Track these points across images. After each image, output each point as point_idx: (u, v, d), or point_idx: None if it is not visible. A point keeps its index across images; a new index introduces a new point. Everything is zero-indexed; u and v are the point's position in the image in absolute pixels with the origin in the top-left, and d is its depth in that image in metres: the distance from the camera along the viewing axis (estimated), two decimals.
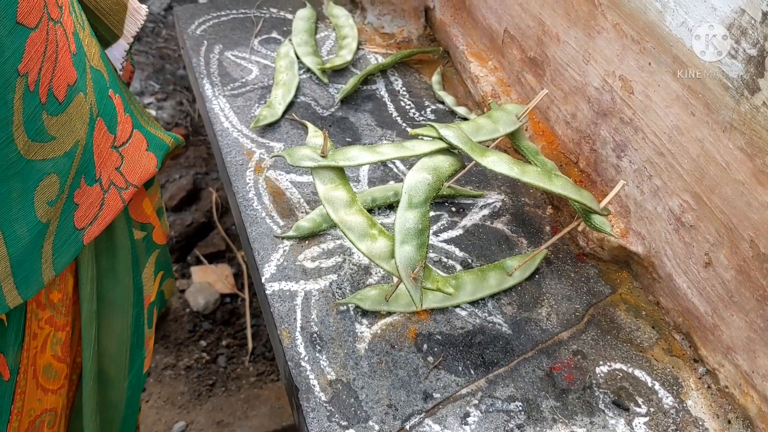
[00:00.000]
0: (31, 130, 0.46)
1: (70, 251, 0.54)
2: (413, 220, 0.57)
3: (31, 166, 0.47)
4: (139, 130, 0.62)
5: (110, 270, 0.63)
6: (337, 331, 0.63)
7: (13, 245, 0.48)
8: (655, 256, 0.65)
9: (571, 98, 0.73)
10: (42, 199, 0.49)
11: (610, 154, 0.69)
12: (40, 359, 0.57)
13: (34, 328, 0.55)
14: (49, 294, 0.56)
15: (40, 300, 0.55)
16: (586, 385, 0.60)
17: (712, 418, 0.58)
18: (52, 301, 0.57)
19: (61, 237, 0.53)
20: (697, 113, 0.56)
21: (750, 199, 0.53)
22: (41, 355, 0.57)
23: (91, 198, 0.56)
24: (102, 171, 0.57)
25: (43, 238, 0.51)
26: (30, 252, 0.50)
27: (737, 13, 0.51)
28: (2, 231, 0.47)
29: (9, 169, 0.46)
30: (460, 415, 0.57)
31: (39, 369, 0.57)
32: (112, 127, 0.57)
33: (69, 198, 0.53)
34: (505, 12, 0.83)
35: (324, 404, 0.57)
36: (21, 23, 0.40)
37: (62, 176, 0.50)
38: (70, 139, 0.50)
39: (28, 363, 0.55)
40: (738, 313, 0.57)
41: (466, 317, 0.64)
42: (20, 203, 0.48)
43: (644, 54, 0.61)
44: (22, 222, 0.48)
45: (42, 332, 0.56)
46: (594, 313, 0.66)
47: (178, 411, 1.60)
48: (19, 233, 0.48)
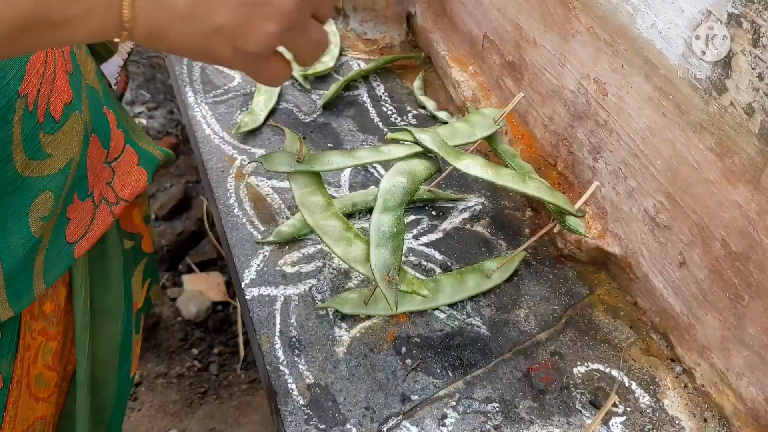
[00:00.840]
0: (29, 149, 0.47)
1: (62, 265, 0.55)
2: (388, 224, 0.58)
3: (28, 183, 0.48)
4: (130, 144, 0.63)
5: (103, 279, 0.64)
6: (316, 336, 0.63)
7: (6, 260, 0.48)
8: (631, 256, 0.66)
9: (548, 101, 0.74)
10: (36, 215, 0.50)
11: (586, 156, 0.69)
12: (33, 369, 0.57)
13: (28, 339, 0.55)
14: (42, 305, 0.57)
15: (34, 311, 0.56)
16: (564, 385, 0.60)
17: (688, 417, 0.59)
18: (45, 312, 0.57)
19: (52, 251, 0.53)
20: (669, 114, 0.57)
21: (720, 199, 0.53)
22: (33, 365, 0.57)
23: (83, 213, 0.56)
24: (94, 186, 0.58)
25: (36, 252, 0.51)
26: (22, 266, 0.50)
27: (704, 15, 0.51)
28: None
29: (7, 187, 0.47)
30: (438, 417, 0.57)
31: (31, 378, 0.57)
32: (105, 142, 0.58)
33: (62, 213, 0.54)
34: (485, 17, 0.84)
35: (302, 408, 0.57)
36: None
37: (56, 192, 0.51)
38: (65, 156, 0.51)
39: (21, 373, 0.55)
40: (712, 312, 0.57)
41: (445, 319, 0.65)
42: (15, 219, 0.48)
43: (617, 56, 0.62)
44: (16, 237, 0.49)
45: (34, 342, 0.57)
46: (572, 314, 0.66)
47: (170, 419, 1.59)
48: (12, 248, 0.49)
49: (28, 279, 0.51)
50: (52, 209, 0.51)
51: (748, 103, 0.49)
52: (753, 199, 0.50)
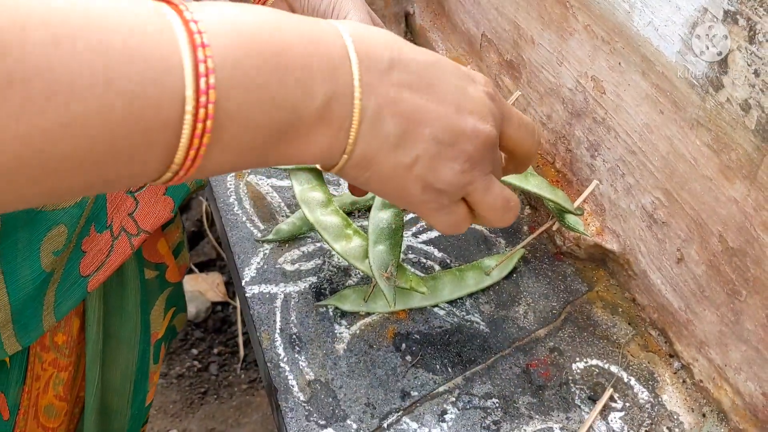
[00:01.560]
0: None
1: (73, 298, 0.54)
2: (386, 221, 0.58)
3: (41, 216, 0.48)
4: None
5: (118, 309, 0.63)
6: (317, 333, 0.63)
7: (14, 294, 0.48)
8: (629, 253, 0.66)
9: (546, 99, 0.74)
10: (48, 248, 0.49)
11: (584, 154, 0.70)
12: (42, 399, 0.57)
13: (38, 370, 0.55)
14: (54, 336, 0.56)
15: (45, 343, 0.55)
16: (563, 381, 0.61)
17: (687, 412, 0.59)
18: (57, 344, 0.57)
19: (64, 284, 0.53)
20: (666, 111, 0.57)
21: (717, 194, 0.54)
22: (43, 395, 0.57)
23: (100, 245, 0.55)
24: (114, 217, 0.56)
25: (47, 286, 0.50)
26: (31, 300, 0.49)
27: (700, 12, 0.52)
28: (5, 280, 0.47)
29: (18, 221, 0.46)
30: (438, 413, 0.58)
31: (40, 409, 0.57)
32: None
33: (77, 246, 0.53)
34: (483, 16, 0.84)
35: (302, 404, 0.58)
36: None
37: (71, 226, 0.50)
38: None
39: (29, 404, 0.55)
40: (710, 308, 0.57)
41: (444, 316, 0.65)
42: (26, 253, 0.48)
43: (614, 54, 0.62)
44: (26, 271, 0.48)
45: (45, 374, 0.56)
46: (571, 311, 0.66)
47: (171, 419, 1.60)
48: (21, 282, 0.48)
49: (38, 313, 0.50)
50: (66, 243, 0.50)
51: (745, 100, 0.49)
52: (750, 194, 0.51)
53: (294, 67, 0.34)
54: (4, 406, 0.52)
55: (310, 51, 0.35)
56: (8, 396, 0.51)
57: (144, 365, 0.68)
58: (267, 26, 0.34)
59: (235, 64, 0.31)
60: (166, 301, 0.72)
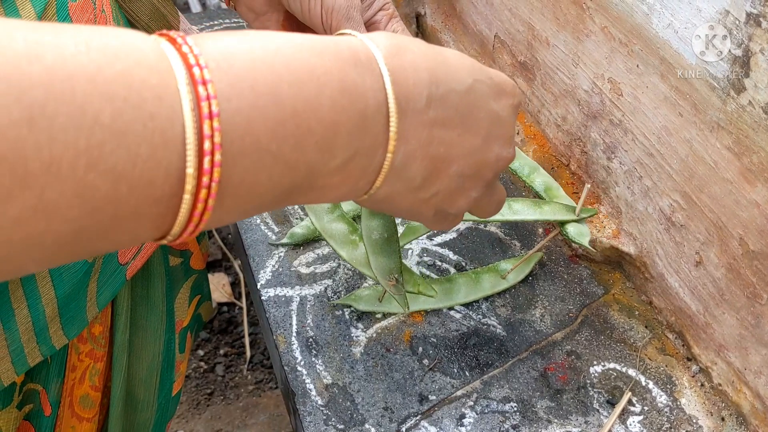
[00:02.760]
0: None
1: (114, 287, 0.54)
2: (378, 230, 0.57)
3: None
4: None
5: (144, 298, 0.63)
6: (333, 336, 0.63)
7: (60, 287, 0.48)
8: (646, 256, 0.66)
9: (561, 101, 0.74)
10: None
11: (600, 156, 0.69)
12: (78, 390, 0.57)
13: (74, 360, 0.55)
14: (92, 328, 0.56)
15: (83, 334, 0.55)
16: (581, 385, 0.60)
17: (706, 416, 0.59)
18: (94, 335, 0.57)
19: (105, 274, 0.52)
20: (685, 114, 0.57)
21: (738, 198, 0.53)
22: (79, 386, 0.57)
23: None
24: None
25: (89, 277, 0.50)
26: (76, 292, 0.49)
27: (722, 15, 0.52)
28: (50, 274, 0.47)
29: None
30: (456, 417, 0.57)
31: (75, 399, 0.57)
32: None
33: None
34: (495, 18, 0.84)
35: (320, 408, 0.57)
36: None
37: None
38: None
39: (65, 395, 0.55)
40: (729, 311, 0.57)
41: (461, 319, 0.65)
42: None
43: (632, 56, 0.62)
44: (69, 264, 0.48)
45: (81, 365, 0.56)
46: (587, 314, 0.66)
47: (177, 420, 1.60)
48: (66, 275, 0.48)
49: (82, 305, 0.50)
50: None
51: (767, 103, 0.49)
52: None
53: (316, 129, 0.29)
54: (45, 402, 0.52)
55: (340, 106, 0.30)
56: (49, 391, 0.51)
57: (170, 355, 0.68)
58: (287, 76, 0.29)
59: (245, 132, 0.27)
60: (191, 289, 0.71)
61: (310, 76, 0.29)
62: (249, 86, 0.27)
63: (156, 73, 0.25)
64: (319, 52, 0.31)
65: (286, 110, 0.28)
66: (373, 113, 0.32)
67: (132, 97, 0.24)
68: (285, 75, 0.29)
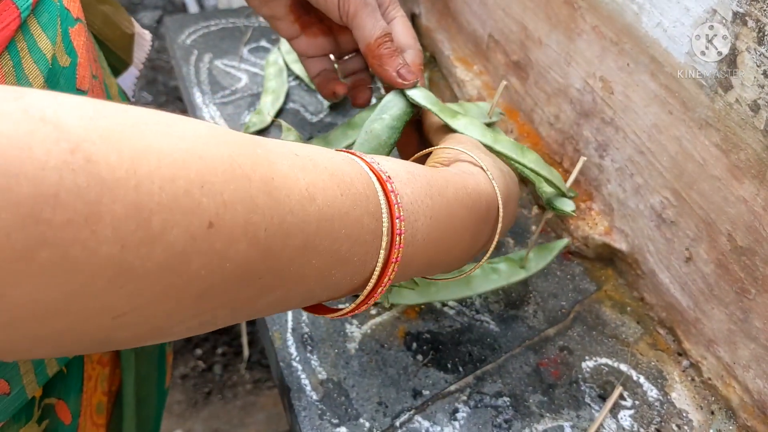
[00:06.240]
0: None
1: None
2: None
3: None
4: None
5: None
6: (328, 332, 0.64)
7: None
8: (638, 252, 0.67)
9: (554, 100, 0.75)
10: None
11: (592, 154, 0.70)
12: (94, 398, 0.58)
13: (89, 370, 0.56)
14: None
15: None
16: (573, 379, 0.61)
17: (695, 410, 0.59)
18: None
19: None
20: (675, 112, 0.58)
21: (726, 194, 0.54)
22: (94, 394, 0.57)
23: None
24: None
25: None
26: None
27: (709, 14, 0.52)
28: None
29: None
30: (449, 411, 0.58)
31: (93, 408, 0.58)
32: None
33: None
34: (489, 17, 0.84)
35: (315, 403, 0.58)
36: (79, 89, 0.43)
37: None
38: None
39: (86, 404, 0.56)
40: (718, 306, 0.58)
41: (455, 315, 0.66)
42: None
43: (623, 55, 0.62)
44: None
45: (94, 372, 0.57)
46: (580, 310, 0.67)
47: (175, 419, 1.60)
48: None
49: None
50: None
51: (754, 100, 0.50)
52: (759, 194, 0.51)
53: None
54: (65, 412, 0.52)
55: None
56: (69, 403, 0.52)
57: (162, 348, 0.69)
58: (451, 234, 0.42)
59: (412, 258, 0.39)
60: None
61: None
62: (422, 238, 0.39)
63: (374, 220, 0.35)
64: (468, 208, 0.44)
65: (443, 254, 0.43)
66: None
67: (360, 238, 0.33)
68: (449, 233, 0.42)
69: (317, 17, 0.66)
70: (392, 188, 0.36)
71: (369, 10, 0.58)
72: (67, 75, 0.41)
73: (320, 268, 0.32)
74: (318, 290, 0.33)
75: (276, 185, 0.28)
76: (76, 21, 0.44)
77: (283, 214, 0.28)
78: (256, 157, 0.28)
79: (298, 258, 0.30)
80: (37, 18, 0.39)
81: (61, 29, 0.41)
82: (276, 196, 0.28)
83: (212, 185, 0.25)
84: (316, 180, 0.31)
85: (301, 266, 0.30)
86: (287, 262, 0.29)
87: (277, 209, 0.28)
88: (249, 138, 0.30)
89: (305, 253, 0.30)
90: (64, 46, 0.41)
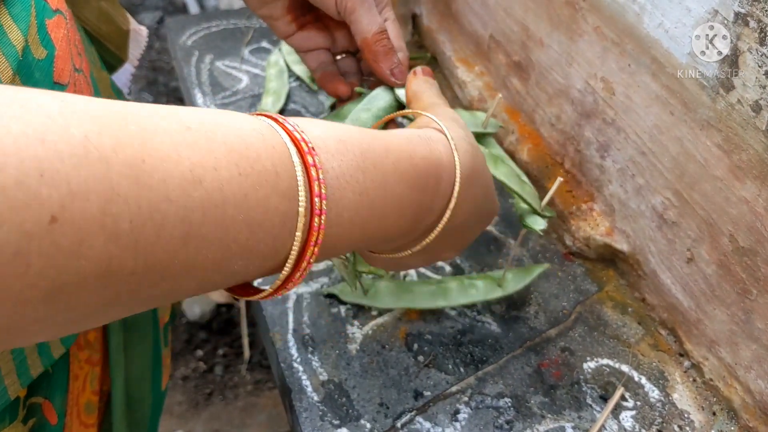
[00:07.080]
0: None
1: None
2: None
3: None
4: None
5: None
6: (329, 333, 0.64)
7: None
8: (639, 253, 0.67)
9: (555, 100, 0.75)
10: None
11: (594, 155, 0.70)
12: (82, 398, 0.57)
13: (75, 369, 0.55)
14: (86, 334, 0.57)
15: (80, 342, 0.56)
16: (574, 380, 0.61)
17: (697, 411, 0.59)
18: (89, 341, 0.57)
19: None
20: (676, 112, 0.58)
21: (728, 195, 0.54)
22: (82, 393, 0.57)
23: None
24: None
25: None
26: None
27: (711, 14, 0.52)
28: None
29: None
30: (451, 412, 0.58)
31: (81, 407, 0.57)
32: None
33: None
34: (490, 18, 0.84)
35: (317, 404, 0.58)
36: (57, 82, 0.42)
37: None
38: None
39: (72, 404, 0.56)
40: (720, 307, 0.58)
41: (456, 317, 0.66)
42: None
43: (624, 56, 0.62)
44: None
45: (82, 372, 0.57)
46: (581, 311, 0.67)
47: (176, 420, 1.60)
48: None
49: None
50: None
51: (755, 101, 0.50)
52: (760, 194, 0.51)
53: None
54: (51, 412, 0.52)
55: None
56: (54, 402, 0.52)
57: (157, 350, 0.69)
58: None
59: (338, 240, 0.36)
60: None
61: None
62: (348, 218, 0.34)
63: (286, 200, 0.30)
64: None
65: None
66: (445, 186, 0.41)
67: (265, 222, 0.29)
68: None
69: (314, 17, 0.66)
70: (314, 161, 0.31)
71: (367, 6, 0.59)
72: (43, 67, 0.40)
73: (215, 258, 0.28)
74: (218, 279, 0.30)
75: (146, 168, 0.25)
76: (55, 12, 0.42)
77: (156, 201, 0.25)
78: (123, 136, 0.24)
79: (181, 251, 0.26)
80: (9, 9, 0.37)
81: (37, 21, 0.40)
82: (145, 181, 0.24)
83: (56, 173, 0.22)
84: (206, 159, 0.27)
85: (188, 259, 0.27)
86: (166, 255, 0.26)
87: (146, 197, 0.24)
88: (122, 111, 0.26)
89: (190, 244, 0.26)
90: (40, 38, 0.40)
